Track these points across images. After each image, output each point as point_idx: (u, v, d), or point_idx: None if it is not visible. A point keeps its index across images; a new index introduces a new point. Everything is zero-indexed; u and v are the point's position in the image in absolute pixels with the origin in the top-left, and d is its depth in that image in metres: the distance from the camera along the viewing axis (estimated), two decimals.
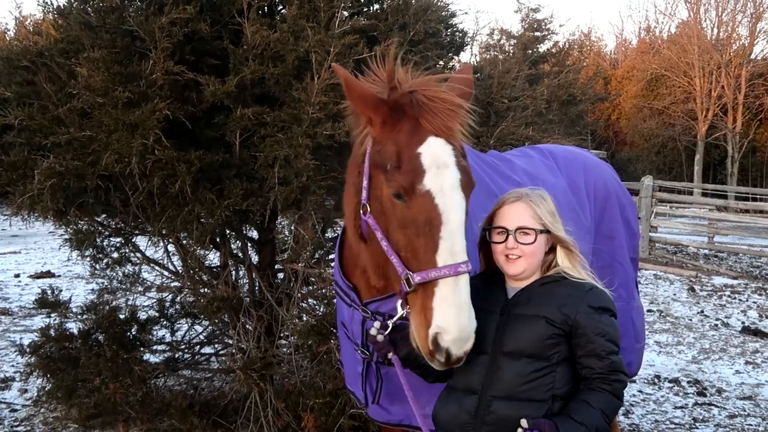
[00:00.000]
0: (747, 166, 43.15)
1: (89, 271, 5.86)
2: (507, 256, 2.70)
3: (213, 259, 5.97)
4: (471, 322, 2.42)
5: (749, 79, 40.79)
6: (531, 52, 16.80)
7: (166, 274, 5.69)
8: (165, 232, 4.97)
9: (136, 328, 5.36)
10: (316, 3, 4.55)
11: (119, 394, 4.89)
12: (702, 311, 11.34)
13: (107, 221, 5.55)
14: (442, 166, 2.48)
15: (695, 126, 41.43)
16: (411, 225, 2.48)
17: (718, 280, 14.43)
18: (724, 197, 26.51)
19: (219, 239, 5.28)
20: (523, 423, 2.46)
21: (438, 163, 2.48)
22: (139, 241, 5.76)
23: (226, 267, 5.36)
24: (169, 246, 5.52)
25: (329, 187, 4.61)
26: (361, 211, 2.67)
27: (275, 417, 4.98)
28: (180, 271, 5.57)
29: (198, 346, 5.95)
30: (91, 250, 5.56)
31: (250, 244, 5.50)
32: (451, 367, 2.47)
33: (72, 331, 5.34)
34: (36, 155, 4.60)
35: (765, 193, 26.86)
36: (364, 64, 4.60)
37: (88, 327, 5.29)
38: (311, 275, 5.05)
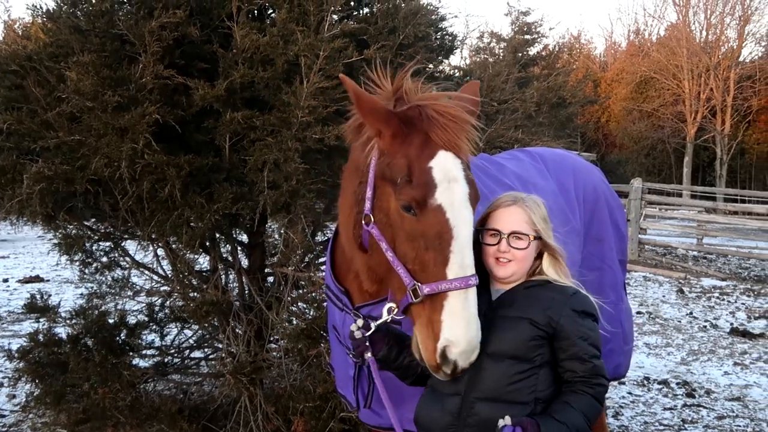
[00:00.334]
0: (735, 168, 43.34)
1: (78, 276, 5.83)
2: (497, 259, 2.71)
3: (203, 263, 5.96)
4: (478, 334, 2.45)
5: (737, 82, 40.98)
6: (521, 55, 16.76)
7: (156, 278, 5.67)
8: (154, 237, 4.96)
9: (125, 333, 5.33)
10: (305, 7, 4.55)
11: (108, 399, 4.87)
12: (691, 313, 11.40)
13: (96, 225, 5.53)
14: (453, 180, 2.50)
15: (684, 128, 41.61)
16: (420, 238, 2.49)
17: (707, 282, 14.50)
18: (713, 199, 26.67)
19: (209, 243, 5.27)
20: (507, 420, 2.47)
21: (449, 177, 2.49)
22: (129, 245, 5.74)
23: (215, 271, 5.35)
24: (159, 250, 5.51)
25: (319, 190, 4.61)
26: (363, 221, 2.66)
27: (265, 421, 4.98)
28: (169, 275, 5.55)
29: (187, 351, 5.93)
30: (80, 254, 5.54)
31: (239, 248, 5.49)
32: (455, 377, 2.49)
33: (61, 336, 5.31)
34: (25, 159, 4.57)
35: (753, 194, 26.97)
36: (353, 67, 4.63)
37: (77, 332, 5.26)
38: (301, 279, 5.04)
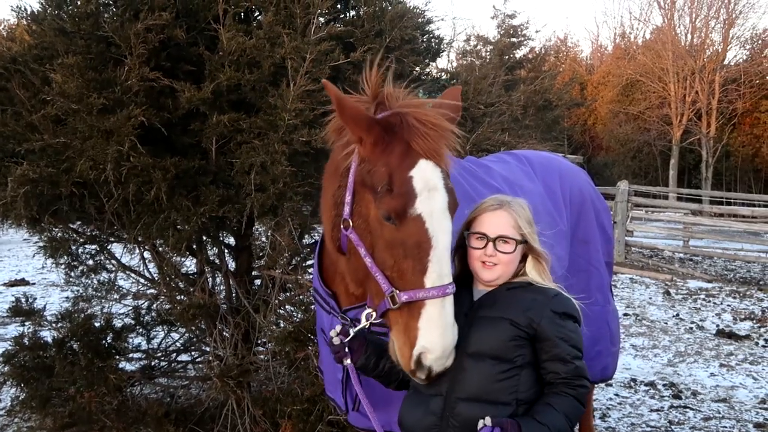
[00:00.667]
0: (721, 170, 43.59)
1: (64, 279, 5.81)
2: (483, 263, 2.72)
3: (189, 266, 5.94)
4: (453, 341, 2.47)
5: (723, 85, 41.22)
6: (507, 57, 16.82)
7: (142, 281, 5.65)
8: (141, 239, 4.94)
9: (111, 336, 5.30)
10: (292, 9, 4.55)
11: (94, 402, 4.84)
12: (677, 314, 11.45)
13: (82, 228, 5.50)
14: (433, 190, 2.51)
15: (670, 131, 41.82)
16: (399, 246, 2.50)
17: (693, 284, 14.57)
18: (699, 201, 26.88)
19: (195, 246, 5.25)
20: (487, 420, 2.49)
21: (429, 186, 2.50)
22: (115, 248, 5.71)
23: (202, 274, 5.33)
24: (145, 253, 5.49)
25: (306, 193, 4.60)
26: (342, 225, 2.67)
27: (252, 424, 4.96)
28: (156, 278, 5.53)
29: (174, 354, 5.91)
30: (65, 257, 5.52)
31: (226, 251, 5.48)
32: (430, 381, 2.51)
33: (46, 339, 5.27)
34: (9, 162, 4.54)
35: (738, 197, 27.15)
36: (340, 70, 4.64)
37: (62, 335, 5.22)
38: (288, 282, 5.04)
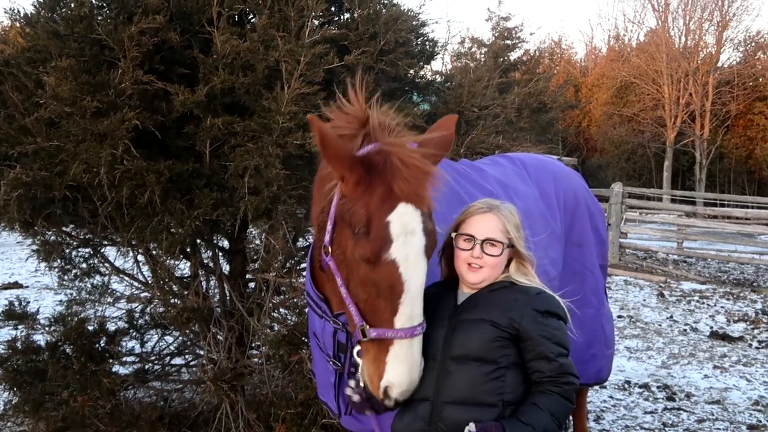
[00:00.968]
0: (715, 172, 43.75)
1: (57, 282, 5.78)
2: (470, 265, 2.74)
3: (183, 269, 5.92)
4: (419, 375, 2.59)
5: (716, 87, 41.41)
6: (502, 60, 16.88)
7: (136, 284, 5.63)
8: (134, 243, 4.92)
9: (104, 340, 5.29)
10: (286, 12, 4.54)
11: (88, 406, 4.83)
12: (671, 316, 11.47)
13: (75, 232, 5.48)
14: (410, 234, 2.51)
15: (664, 133, 41.97)
16: (373, 286, 2.54)
17: (687, 286, 14.60)
18: (693, 203, 26.93)
19: (189, 249, 5.24)
20: (471, 426, 2.52)
21: (406, 230, 2.51)
22: (108, 251, 5.69)
23: (196, 277, 5.32)
24: (139, 256, 5.47)
25: (300, 196, 4.60)
26: (322, 250, 2.71)
27: (246, 428, 4.95)
28: (150, 282, 5.51)
29: (168, 357, 5.89)
30: (59, 261, 5.50)
31: (220, 254, 5.47)
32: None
33: (39, 343, 5.26)
34: (2, 165, 4.53)
35: (732, 199, 27.19)
36: (334, 73, 4.63)
37: (55, 339, 5.21)
38: (282, 285, 5.03)
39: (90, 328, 5.29)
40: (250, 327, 5.02)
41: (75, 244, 5.50)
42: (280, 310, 5.31)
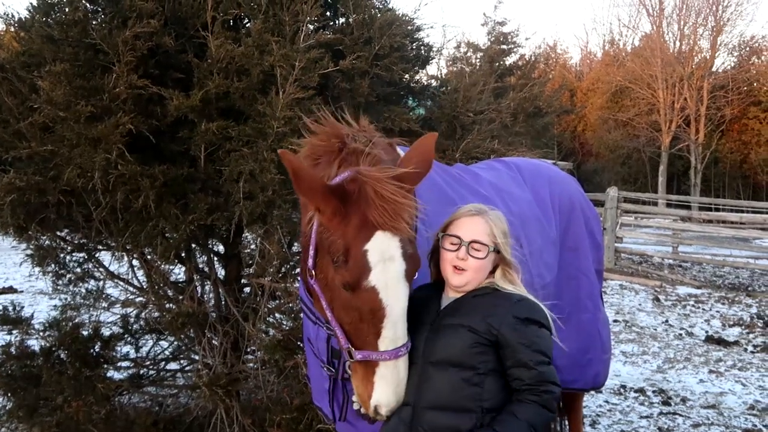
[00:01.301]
0: (710, 176, 43.88)
1: (52, 287, 5.77)
2: (455, 267, 2.73)
3: (178, 274, 5.91)
4: (404, 389, 2.64)
5: (711, 91, 41.52)
6: (497, 64, 16.87)
7: (131, 289, 5.62)
8: (129, 248, 4.90)
9: (99, 345, 5.27)
10: (281, 17, 4.54)
11: (82, 412, 4.81)
12: (667, 321, 11.48)
13: (70, 236, 5.46)
14: (389, 261, 2.52)
15: (659, 137, 42.05)
16: (355, 311, 2.56)
17: (683, 290, 14.62)
18: (688, 208, 26.93)
19: (184, 254, 5.22)
20: None
21: (385, 257, 2.51)
22: (103, 256, 5.68)
23: (191, 282, 5.30)
24: (134, 261, 5.46)
25: (295, 201, 4.58)
26: (307, 274, 2.71)
27: None
28: (144, 287, 5.50)
29: (163, 362, 5.87)
30: (53, 265, 5.48)
31: (216, 259, 5.46)
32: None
33: (34, 348, 5.24)
34: None
35: (727, 203, 27.28)
36: (329, 77, 4.63)
37: (50, 344, 5.19)
38: (277, 290, 5.02)
39: (84, 333, 5.27)
40: (245, 332, 5.01)
41: (69, 248, 5.48)
42: (276, 315, 5.30)
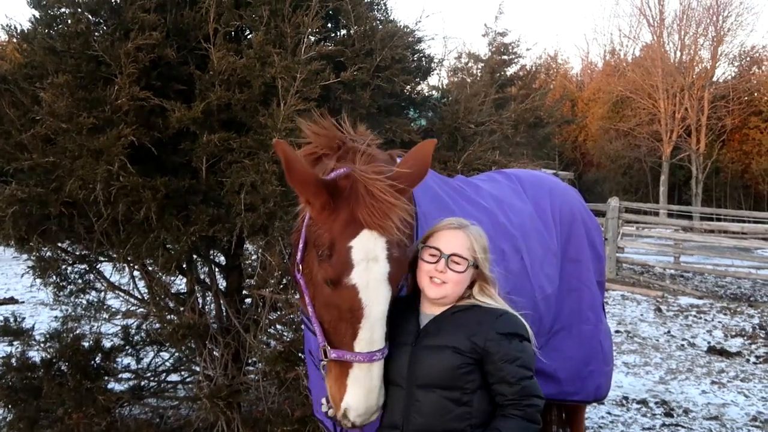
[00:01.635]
0: (711, 186, 43.86)
1: (53, 299, 5.76)
2: (431, 279, 2.72)
3: (179, 285, 5.90)
4: (379, 401, 2.60)
5: (712, 101, 41.54)
6: (498, 75, 16.97)
7: (132, 300, 5.61)
8: (130, 259, 4.91)
9: (100, 357, 5.27)
10: (282, 29, 4.55)
11: (83, 424, 4.80)
12: (669, 331, 11.45)
13: (71, 248, 5.47)
14: (372, 261, 2.53)
15: (660, 147, 42.05)
16: (335, 308, 2.58)
17: (684, 300, 14.57)
18: (690, 218, 26.92)
19: (185, 265, 5.22)
20: None
21: (369, 257, 2.52)
22: (104, 267, 5.68)
23: (192, 293, 5.30)
24: (135, 272, 5.46)
25: (296, 213, 4.59)
26: (295, 268, 2.74)
27: None
28: (146, 298, 5.50)
29: (164, 374, 5.87)
30: (54, 276, 5.48)
31: (217, 270, 5.45)
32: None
33: (34, 360, 5.23)
34: None
35: (729, 213, 27.25)
36: (331, 89, 4.64)
37: (51, 356, 5.19)
38: (279, 301, 5.01)
39: (85, 344, 5.27)
40: (246, 343, 5.00)
41: (71, 260, 5.49)
42: (277, 326, 5.30)
